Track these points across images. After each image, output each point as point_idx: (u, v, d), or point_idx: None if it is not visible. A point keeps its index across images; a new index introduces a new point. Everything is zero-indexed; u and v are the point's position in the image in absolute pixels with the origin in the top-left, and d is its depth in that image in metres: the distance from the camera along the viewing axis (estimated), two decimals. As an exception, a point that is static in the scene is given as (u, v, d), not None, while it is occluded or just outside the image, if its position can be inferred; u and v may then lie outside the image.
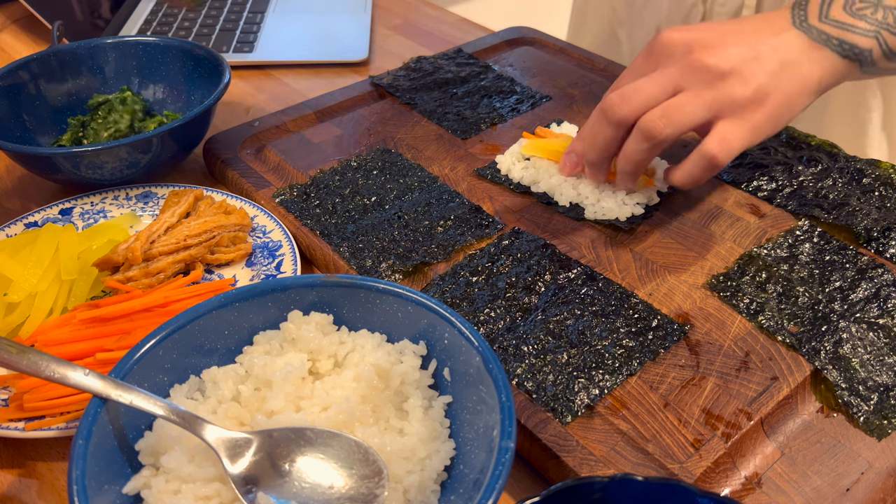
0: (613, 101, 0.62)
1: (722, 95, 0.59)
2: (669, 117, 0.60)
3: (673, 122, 0.60)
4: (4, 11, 1.19)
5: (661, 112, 0.60)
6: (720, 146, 0.60)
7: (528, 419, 0.52)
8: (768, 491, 0.49)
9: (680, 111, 0.60)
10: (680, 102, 0.60)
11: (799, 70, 0.61)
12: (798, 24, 0.62)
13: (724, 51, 0.60)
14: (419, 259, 0.66)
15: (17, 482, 0.53)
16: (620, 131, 0.63)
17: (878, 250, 0.67)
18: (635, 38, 1.12)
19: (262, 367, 0.49)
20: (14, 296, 0.60)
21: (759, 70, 0.60)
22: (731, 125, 0.60)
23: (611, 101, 0.62)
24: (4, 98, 0.78)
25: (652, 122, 0.60)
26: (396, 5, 1.23)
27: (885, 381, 0.55)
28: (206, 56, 0.83)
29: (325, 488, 0.44)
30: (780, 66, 0.60)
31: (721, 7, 0.98)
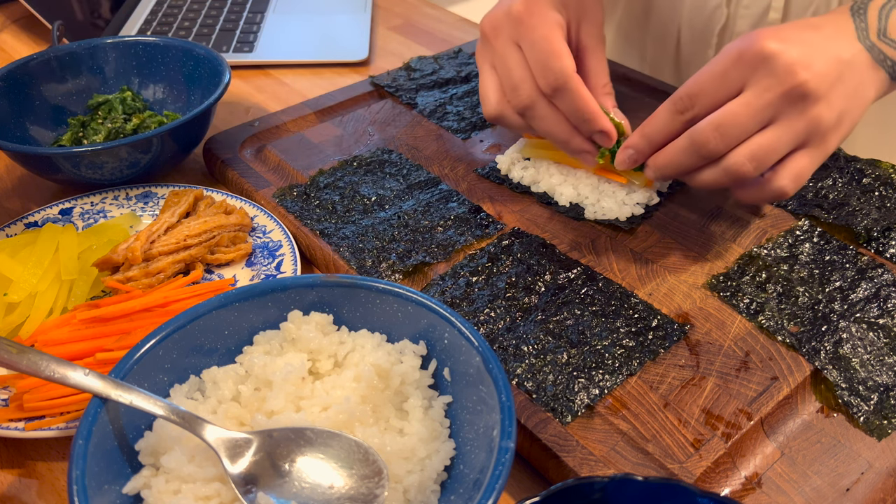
0: (708, 137, 0.57)
1: (811, 125, 0.57)
2: (760, 161, 0.57)
3: (762, 166, 0.58)
4: (4, 11, 1.19)
5: (751, 154, 0.57)
6: (793, 183, 0.58)
7: (528, 419, 0.52)
8: (768, 491, 0.49)
9: (772, 153, 0.57)
10: (773, 144, 0.57)
11: (864, 91, 0.59)
12: (862, 38, 0.60)
13: (818, 71, 0.56)
14: (419, 259, 0.66)
15: (17, 482, 0.53)
16: (703, 162, 0.60)
17: (878, 250, 0.67)
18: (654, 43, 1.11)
19: (262, 367, 0.49)
20: (14, 296, 0.60)
21: (843, 93, 0.57)
22: (806, 159, 0.58)
23: (705, 135, 0.57)
24: (4, 98, 0.78)
25: (742, 167, 0.57)
26: (396, 5, 1.23)
27: (885, 381, 0.55)
28: (206, 56, 0.83)
29: (325, 488, 0.44)
30: (855, 89, 0.58)
31: (745, 10, 0.97)
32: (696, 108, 0.59)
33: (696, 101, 0.59)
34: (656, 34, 1.10)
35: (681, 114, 0.60)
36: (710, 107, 0.58)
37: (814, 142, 0.58)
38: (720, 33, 1.01)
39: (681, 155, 0.60)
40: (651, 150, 0.63)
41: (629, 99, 0.89)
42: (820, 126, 0.57)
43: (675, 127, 0.61)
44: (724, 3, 0.99)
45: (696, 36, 1.03)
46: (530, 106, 0.67)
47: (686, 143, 0.59)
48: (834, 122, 0.57)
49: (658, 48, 1.10)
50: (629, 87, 0.92)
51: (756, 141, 0.57)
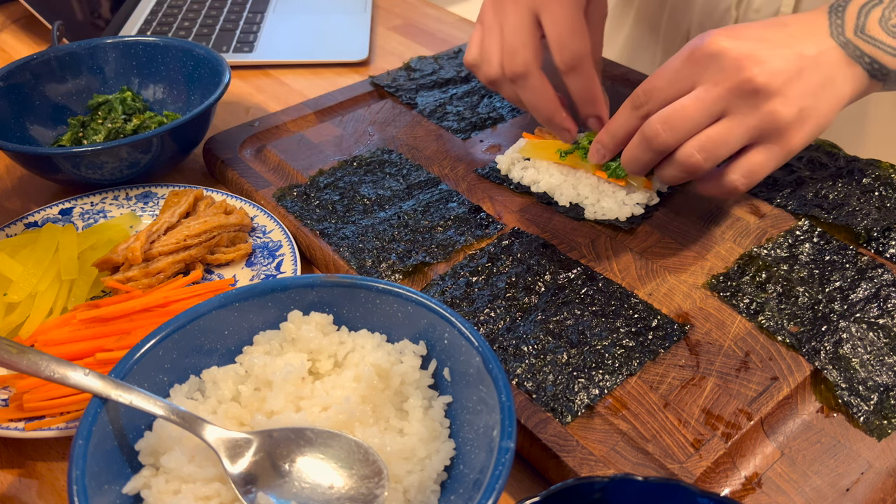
0: (657, 130, 0.59)
1: (765, 121, 0.57)
2: (710, 153, 0.58)
3: (713, 158, 0.58)
4: (4, 11, 1.19)
5: (700, 146, 0.58)
6: (745, 179, 0.59)
7: (528, 419, 0.52)
8: (768, 491, 0.49)
9: (722, 145, 0.57)
10: (723, 136, 0.57)
11: (835, 88, 0.59)
12: (836, 35, 0.59)
13: (773, 67, 0.56)
14: (419, 259, 0.66)
15: (17, 482, 0.53)
16: (659, 156, 0.61)
17: (878, 250, 0.67)
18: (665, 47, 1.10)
19: (262, 367, 0.49)
20: (14, 296, 0.60)
21: (803, 90, 0.57)
22: (762, 155, 0.58)
23: (654, 129, 0.59)
24: (4, 98, 0.78)
25: (692, 158, 0.58)
26: (396, 5, 1.23)
27: (885, 381, 0.55)
28: (206, 56, 0.83)
29: (325, 488, 0.44)
30: (821, 84, 0.58)
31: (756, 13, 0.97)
32: (650, 104, 0.60)
33: (651, 97, 0.60)
34: (667, 37, 1.09)
35: (636, 109, 0.62)
36: (663, 103, 0.59)
37: (771, 138, 0.58)
38: None
39: (637, 150, 0.62)
40: (615, 145, 0.65)
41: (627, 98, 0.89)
42: (777, 122, 0.57)
43: (633, 123, 0.62)
44: (733, 6, 0.98)
45: None
46: (524, 74, 0.67)
47: (639, 138, 0.61)
48: (793, 119, 0.57)
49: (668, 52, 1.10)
50: (629, 86, 0.92)
51: (706, 133, 0.58)
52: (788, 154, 0.59)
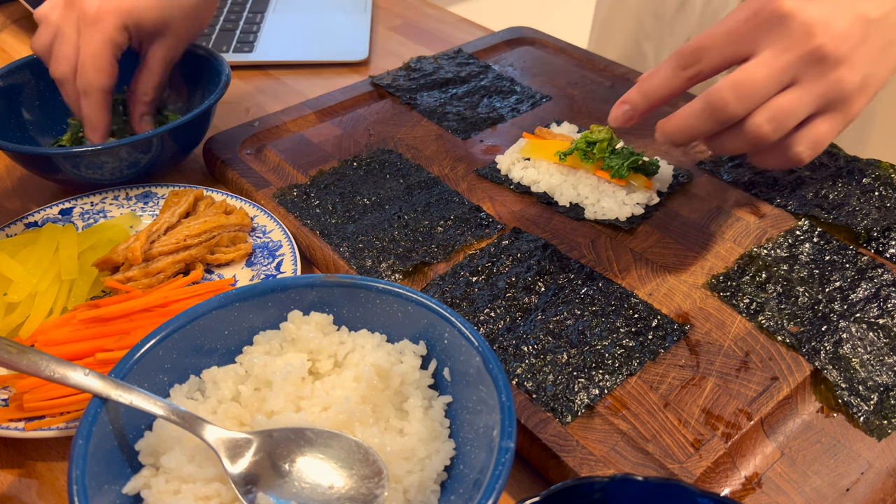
0: (726, 99, 0.54)
1: (832, 90, 0.54)
2: (780, 123, 0.54)
3: (782, 129, 0.55)
4: (4, 11, 1.19)
5: (770, 116, 0.54)
6: (810, 150, 0.56)
7: (528, 419, 0.52)
8: (768, 491, 0.49)
9: (791, 116, 0.54)
10: (793, 106, 0.54)
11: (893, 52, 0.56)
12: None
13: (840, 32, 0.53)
14: (419, 259, 0.66)
15: (17, 482, 0.53)
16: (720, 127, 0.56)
17: (878, 250, 0.67)
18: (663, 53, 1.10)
19: (262, 367, 0.49)
20: (14, 296, 0.60)
21: (867, 56, 0.54)
22: (826, 124, 0.55)
23: (722, 97, 0.54)
24: (4, 98, 0.78)
25: (761, 129, 0.54)
26: (396, 5, 1.23)
27: (885, 381, 0.55)
28: (206, 56, 0.83)
29: (325, 488, 0.44)
30: (882, 49, 0.55)
31: None
32: (702, 65, 0.56)
33: (702, 57, 0.56)
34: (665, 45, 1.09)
35: (683, 70, 0.57)
36: (716, 65, 0.56)
37: (836, 106, 0.55)
38: None
39: (695, 118, 0.56)
40: (648, 107, 0.60)
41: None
42: (843, 90, 0.54)
43: (677, 83, 0.58)
44: None
45: None
46: (63, 81, 0.73)
47: (702, 106, 0.55)
48: (857, 86, 0.54)
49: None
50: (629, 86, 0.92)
51: (776, 103, 0.54)
52: (848, 122, 0.56)
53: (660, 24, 1.08)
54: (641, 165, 0.71)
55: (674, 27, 1.06)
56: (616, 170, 0.69)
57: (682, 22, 1.05)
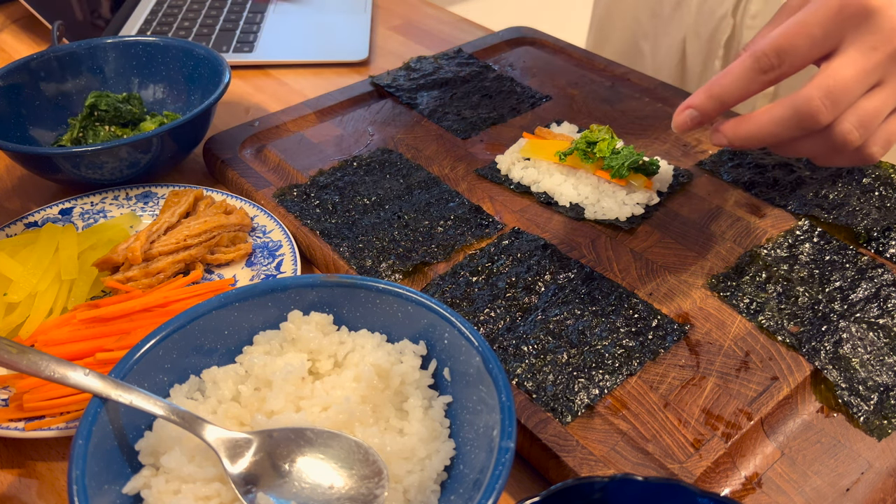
0: (818, 108, 0.51)
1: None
2: (867, 129, 0.52)
3: (868, 134, 0.52)
4: (4, 11, 1.19)
5: (858, 122, 0.51)
6: (883, 150, 0.54)
7: (528, 419, 0.52)
8: (768, 491, 0.49)
9: (877, 119, 0.52)
10: (880, 109, 0.52)
11: None
12: None
13: None
14: (419, 259, 0.66)
15: (17, 482, 0.53)
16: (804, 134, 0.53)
17: (878, 250, 0.67)
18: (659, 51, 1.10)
19: (262, 367, 0.49)
20: (14, 296, 0.60)
21: None
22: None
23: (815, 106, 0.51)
24: (4, 98, 0.78)
25: (850, 135, 0.52)
26: (396, 5, 1.23)
27: (885, 381, 0.55)
28: (206, 56, 0.83)
29: (325, 488, 0.44)
30: None
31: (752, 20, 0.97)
32: (784, 67, 0.52)
33: (785, 59, 0.52)
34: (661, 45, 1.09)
35: (764, 73, 0.53)
36: (800, 66, 0.52)
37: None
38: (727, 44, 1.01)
39: (779, 126, 0.53)
40: (719, 112, 0.56)
41: (626, 98, 0.89)
42: None
43: (755, 87, 0.54)
44: (730, 13, 0.98)
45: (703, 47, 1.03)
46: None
47: (790, 114, 0.52)
48: None
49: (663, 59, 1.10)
50: (629, 86, 0.92)
51: (864, 107, 0.51)
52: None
53: (657, 23, 1.08)
54: (641, 165, 0.71)
55: (670, 25, 1.06)
56: (616, 170, 0.69)
57: (678, 20, 1.05)
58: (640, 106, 0.88)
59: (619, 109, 0.87)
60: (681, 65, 1.08)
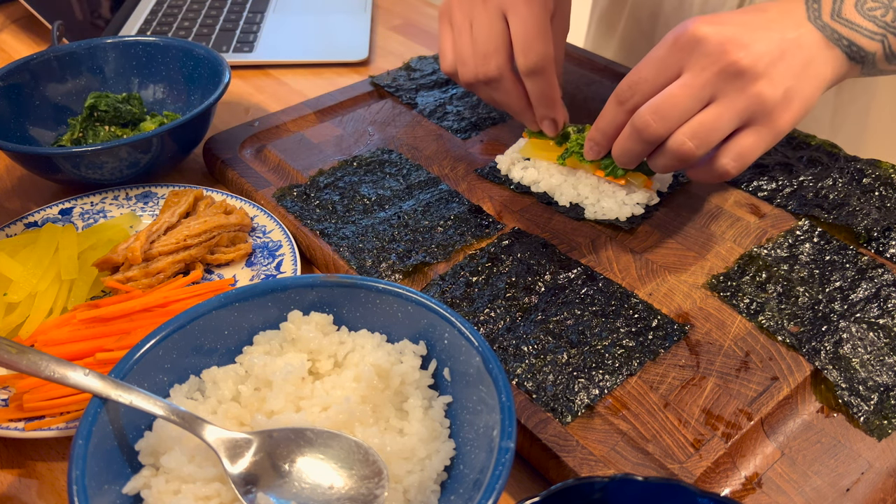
0: (647, 121, 0.58)
1: (753, 103, 0.57)
2: (702, 139, 0.57)
3: (705, 144, 0.58)
4: (4, 11, 1.19)
5: (692, 133, 0.57)
6: (735, 162, 0.59)
7: (528, 419, 0.52)
8: (768, 491, 0.49)
9: (713, 131, 0.57)
10: (714, 121, 0.57)
11: (817, 69, 0.59)
12: (813, 19, 0.59)
13: (756, 49, 0.56)
14: (419, 259, 0.66)
15: (17, 482, 0.53)
16: (651, 147, 0.61)
17: (878, 250, 0.67)
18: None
19: (262, 367, 0.49)
20: (14, 296, 0.60)
21: (787, 71, 0.57)
22: (752, 137, 0.58)
23: (644, 120, 0.58)
24: (4, 98, 0.78)
25: (684, 146, 0.58)
26: (396, 5, 1.23)
27: (885, 381, 0.55)
28: (206, 56, 0.83)
29: (325, 489, 0.44)
30: (803, 65, 0.58)
31: None
32: (637, 97, 0.60)
33: (636, 90, 0.60)
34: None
35: (622, 104, 0.61)
36: (650, 94, 0.59)
37: (759, 120, 0.57)
38: None
39: (627, 142, 0.61)
40: (606, 141, 0.65)
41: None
42: (764, 104, 0.56)
43: (621, 118, 0.62)
44: None
45: None
46: (497, 78, 0.69)
47: (630, 130, 0.60)
48: (779, 100, 0.57)
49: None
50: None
51: (696, 119, 0.57)
52: (777, 136, 0.59)
53: (656, 23, 1.08)
54: (641, 165, 0.71)
55: (671, 26, 1.06)
56: (612, 169, 0.69)
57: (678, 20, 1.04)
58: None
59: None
60: None
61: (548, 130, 0.72)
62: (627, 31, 1.13)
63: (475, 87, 0.72)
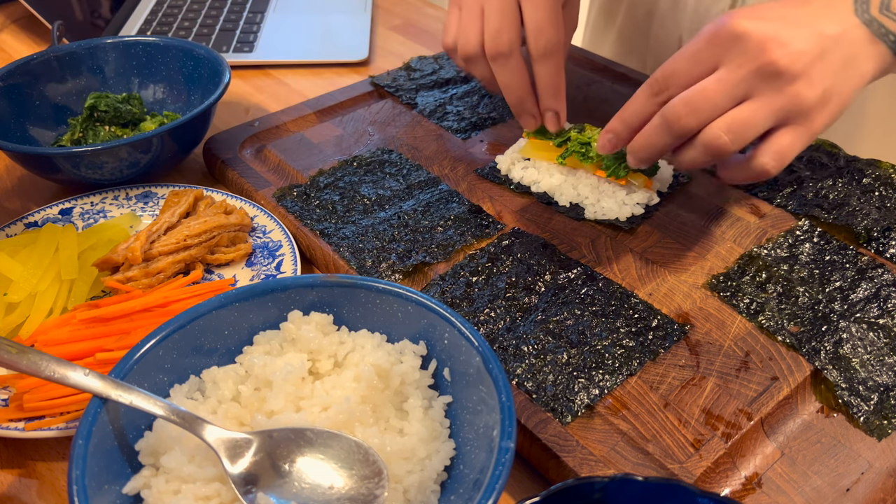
0: (679, 113, 0.57)
1: (790, 102, 0.55)
2: (737, 134, 0.56)
3: (740, 140, 0.56)
4: (4, 11, 1.19)
5: (727, 127, 0.56)
6: (775, 161, 0.57)
7: (528, 419, 0.52)
8: (768, 491, 0.49)
9: (749, 127, 0.56)
10: (750, 117, 0.56)
11: (858, 67, 0.57)
12: (860, 13, 0.57)
13: (796, 48, 0.55)
14: (419, 259, 0.66)
15: (17, 482, 0.53)
16: (677, 141, 0.59)
17: (878, 250, 0.67)
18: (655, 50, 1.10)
19: (262, 367, 0.49)
20: (14, 296, 0.60)
21: (826, 70, 0.56)
22: (789, 136, 0.57)
23: (676, 111, 0.57)
24: (4, 98, 0.78)
25: (719, 139, 0.56)
26: (396, 5, 1.23)
27: (885, 381, 0.55)
28: (206, 56, 0.83)
29: (325, 489, 0.44)
30: (843, 64, 0.56)
31: None
32: (671, 90, 0.59)
33: (670, 82, 0.58)
34: (658, 42, 1.09)
35: (655, 96, 0.60)
36: (684, 87, 0.58)
37: (796, 120, 0.56)
38: None
39: (655, 135, 0.60)
40: (628, 133, 0.63)
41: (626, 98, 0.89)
42: (801, 104, 0.55)
43: (650, 109, 0.61)
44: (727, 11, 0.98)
45: None
46: (507, 54, 0.68)
47: (659, 122, 0.59)
48: (817, 100, 0.56)
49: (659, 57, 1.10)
50: (629, 86, 0.92)
51: (732, 114, 0.56)
52: (813, 135, 0.58)
53: (652, 21, 1.08)
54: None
55: (666, 24, 1.06)
56: (613, 170, 0.69)
57: (673, 19, 1.05)
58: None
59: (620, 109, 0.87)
60: None
61: (550, 124, 0.71)
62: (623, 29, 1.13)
63: (474, 62, 0.71)
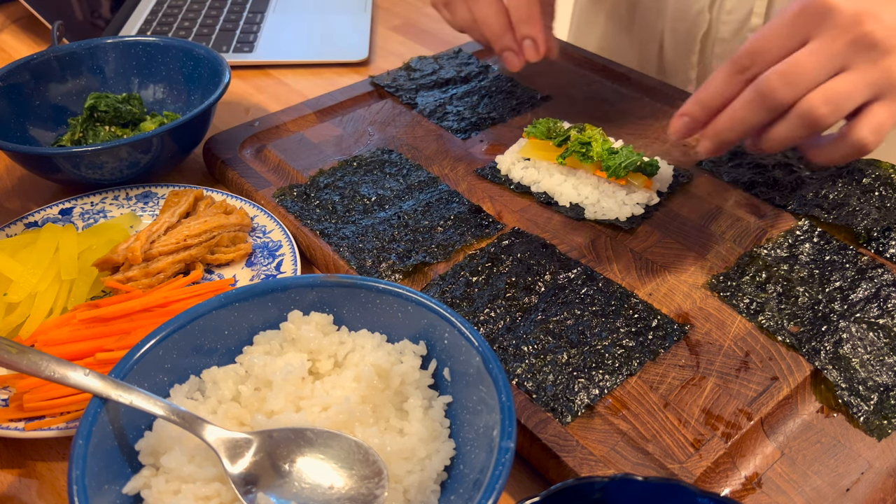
0: (773, 85, 0.55)
1: (884, 77, 0.54)
2: (835, 105, 0.54)
3: (839, 111, 0.55)
4: (4, 11, 1.19)
5: (824, 98, 0.54)
6: (874, 135, 0.56)
7: (528, 419, 0.52)
8: (768, 491, 0.49)
9: (847, 99, 0.54)
10: (846, 88, 0.54)
11: None
12: None
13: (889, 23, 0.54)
14: (419, 259, 0.66)
15: (17, 482, 0.53)
16: (770, 116, 0.56)
17: (878, 250, 0.67)
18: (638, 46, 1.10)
19: (262, 367, 0.49)
20: (14, 296, 0.60)
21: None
22: (885, 110, 0.55)
23: (770, 84, 0.55)
24: (4, 98, 0.78)
25: (817, 110, 0.54)
26: (396, 5, 1.23)
27: (885, 381, 0.55)
28: (206, 56, 0.83)
29: (325, 489, 0.44)
30: None
31: (728, 15, 0.97)
32: (758, 66, 0.56)
33: (757, 59, 0.56)
34: (640, 39, 1.09)
35: (741, 73, 0.57)
36: (772, 63, 0.56)
37: (890, 95, 0.55)
38: (703, 39, 1.01)
39: (745, 109, 0.57)
40: (707, 116, 0.60)
41: (626, 98, 0.89)
42: (894, 80, 0.54)
43: (735, 89, 0.58)
44: (706, 9, 0.98)
45: (680, 41, 1.03)
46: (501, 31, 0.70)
47: (751, 96, 0.56)
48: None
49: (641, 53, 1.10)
50: (629, 86, 0.92)
51: (830, 85, 0.54)
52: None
53: (635, 16, 1.08)
54: (641, 165, 0.71)
55: (648, 19, 1.06)
56: (613, 169, 0.69)
57: (656, 14, 1.05)
58: (639, 106, 0.88)
59: (619, 109, 0.87)
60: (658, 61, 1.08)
61: (529, 54, 0.72)
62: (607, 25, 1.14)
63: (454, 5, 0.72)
